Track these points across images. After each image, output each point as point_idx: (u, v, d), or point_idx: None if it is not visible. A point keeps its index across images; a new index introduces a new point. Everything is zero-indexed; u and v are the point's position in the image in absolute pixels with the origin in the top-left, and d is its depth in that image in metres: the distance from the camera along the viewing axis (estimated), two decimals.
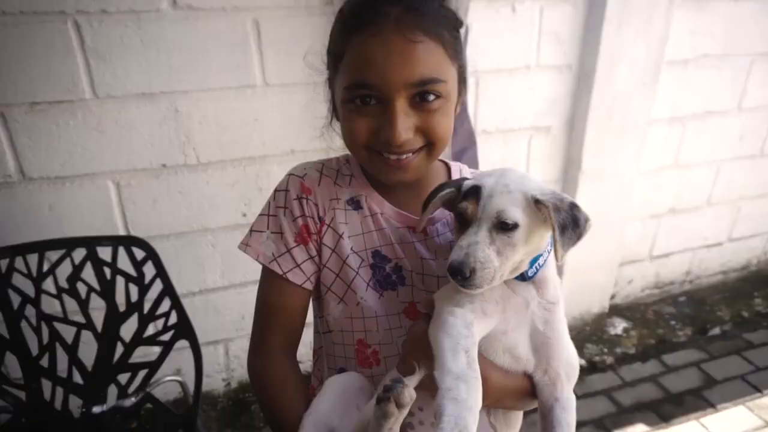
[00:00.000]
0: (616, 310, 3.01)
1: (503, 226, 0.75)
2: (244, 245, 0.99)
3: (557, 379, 0.82)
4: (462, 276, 0.73)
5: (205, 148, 1.96)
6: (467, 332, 0.73)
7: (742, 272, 3.34)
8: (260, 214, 1.01)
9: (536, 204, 0.76)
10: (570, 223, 0.75)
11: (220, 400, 2.38)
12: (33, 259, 1.56)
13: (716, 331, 2.89)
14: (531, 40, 2.22)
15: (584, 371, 2.61)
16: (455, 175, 1.06)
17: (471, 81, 2.16)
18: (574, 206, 0.77)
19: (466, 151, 1.93)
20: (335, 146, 1.04)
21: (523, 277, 0.82)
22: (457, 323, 0.74)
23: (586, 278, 2.72)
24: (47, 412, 1.56)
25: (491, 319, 0.79)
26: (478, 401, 0.68)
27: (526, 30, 2.19)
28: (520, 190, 0.77)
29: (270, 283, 0.99)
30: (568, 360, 0.83)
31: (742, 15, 2.52)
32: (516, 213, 0.75)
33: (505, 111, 2.31)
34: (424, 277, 0.98)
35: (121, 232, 1.97)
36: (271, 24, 1.87)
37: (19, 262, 1.55)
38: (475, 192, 0.78)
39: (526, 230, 0.76)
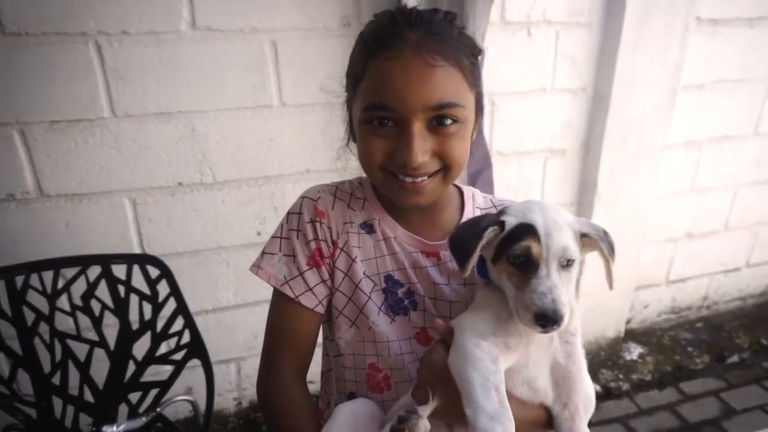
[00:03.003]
0: (631, 335, 2.96)
1: (568, 263, 0.75)
2: (256, 267, 0.99)
3: (576, 414, 0.81)
4: (557, 323, 0.71)
5: (221, 166, 1.97)
6: (495, 368, 0.72)
7: (761, 299, 3.27)
8: (272, 237, 1.00)
9: (582, 237, 0.78)
10: (611, 251, 0.78)
11: (230, 420, 2.36)
12: (48, 276, 1.56)
13: (734, 358, 2.83)
14: (546, 63, 2.22)
15: (599, 397, 2.55)
16: (468, 200, 1.05)
17: (486, 103, 2.15)
18: (607, 234, 0.79)
19: (482, 173, 1.92)
20: (351, 166, 1.04)
21: None
22: (484, 357, 0.73)
23: (601, 302, 2.68)
24: (57, 430, 1.54)
25: (514, 353, 0.77)
26: None
27: (541, 53, 2.20)
28: (567, 224, 0.77)
29: (281, 306, 0.99)
30: (587, 393, 0.82)
31: (757, 40, 2.52)
32: (575, 249, 0.75)
33: (521, 133, 2.31)
34: (436, 302, 0.97)
35: (137, 249, 1.98)
36: (288, 45, 1.89)
37: (34, 279, 1.55)
38: (528, 230, 0.76)
39: (578, 264, 0.77)
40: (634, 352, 2.85)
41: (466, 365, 0.72)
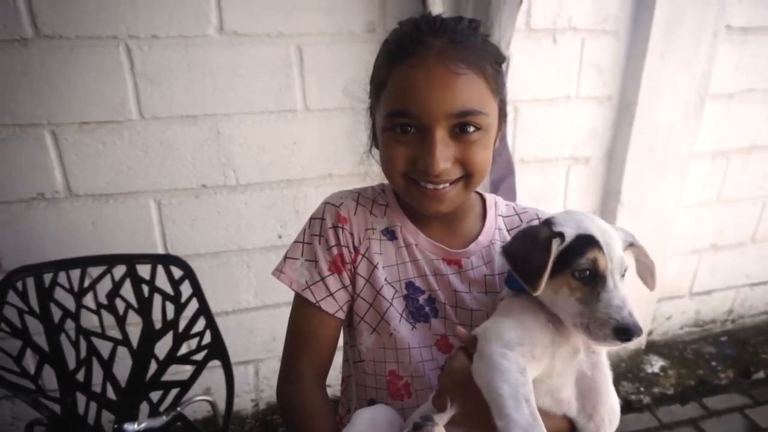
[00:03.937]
0: (653, 347, 2.90)
1: (624, 273, 0.75)
2: (278, 272, 1.00)
3: (602, 426, 0.79)
4: (638, 336, 0.70)
5: (244, 169, 2.00)
6: (523, 379, 0.71)
7: None
8: (295, 241, 1.01)
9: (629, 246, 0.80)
10: None
11: (248, 421, 2.37)
12: (75, 274, 1.60)
13: (760, 374, 2.76)
14: (571, 70, 2.20)
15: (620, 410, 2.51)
16: (490, 208, 1.05)
17: (510, 110, 2.15)
18: (636, 239, 0.81)
19: (504, 180, 1.91)
20: (373, 171, 1.05)
21: None
22: (512, 368, 0.72)
23: None
24: (80, 426, 1.57)
25: (539, 363, 0.76)
26: None
27: (566, 61, 2.18)
28: (616, 234, 0.78)
29: (302, 310, 0.99)
30: (612, 406, 0.81)
31: None
32: (625, 258, 0.76)
33: (544, 141, 2.29)
34: (457, 310, 0.97)
35: (160, 249, 2.01)
36: (313, 50, 1.90)
37: (61, 277, 1.59)
38: (591, 242, 0.74)
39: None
40: (655, 364, 2.79)
41: (494, 376, 0.71)
